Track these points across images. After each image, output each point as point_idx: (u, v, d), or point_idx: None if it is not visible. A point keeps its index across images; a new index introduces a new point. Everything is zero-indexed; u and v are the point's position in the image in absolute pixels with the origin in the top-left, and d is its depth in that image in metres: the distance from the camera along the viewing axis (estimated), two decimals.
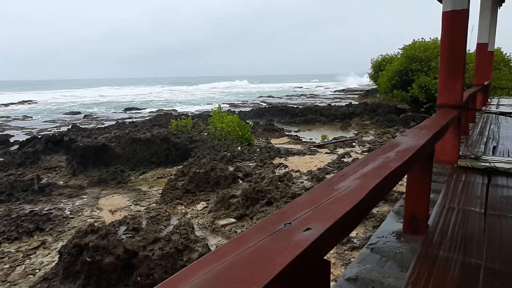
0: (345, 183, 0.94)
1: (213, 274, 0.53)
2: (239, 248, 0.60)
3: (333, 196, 0.85)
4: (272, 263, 0.56)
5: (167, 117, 16.96)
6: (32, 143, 13.00)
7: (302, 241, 0.63)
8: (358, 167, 1.09)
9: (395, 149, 1.35)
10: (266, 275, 0.52)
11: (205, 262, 0.57)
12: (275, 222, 0.71)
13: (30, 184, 8.36)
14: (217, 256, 0.58)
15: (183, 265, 4.05)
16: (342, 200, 0.83)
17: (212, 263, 0.56)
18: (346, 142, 10.22)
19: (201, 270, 0.54)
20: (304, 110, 17.91)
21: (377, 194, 0.97)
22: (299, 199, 0.85)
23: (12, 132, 17.82)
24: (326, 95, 40.53)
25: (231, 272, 0.53)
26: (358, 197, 0.85)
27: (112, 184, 8.36)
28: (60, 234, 5.76)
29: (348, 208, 0.78)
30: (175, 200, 6.69)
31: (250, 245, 0.61)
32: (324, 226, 0.69)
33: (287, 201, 5.72)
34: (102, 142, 10.37)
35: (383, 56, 19.72)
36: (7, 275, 4.61)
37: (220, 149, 9.18)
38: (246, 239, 0.64)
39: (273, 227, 0.69)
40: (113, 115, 25.86)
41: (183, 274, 0.55)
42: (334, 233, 0.72)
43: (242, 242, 0.63)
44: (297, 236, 0.65)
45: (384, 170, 1.08)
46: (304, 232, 0.67)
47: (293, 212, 0.75)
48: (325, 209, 0.78)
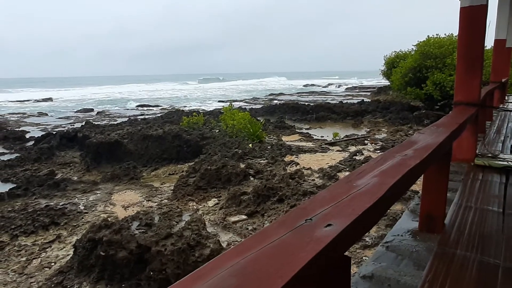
0: (363, 180, 0.94)
1: (240, 266, 0.54)
2: (262, 243, 0.61)
3: (353, 193, 0.84)
4: (296, 257, 0.57)
5: (178, 114, 17.09)
6: (47, 139, 13.26)
7: (323, 236, 0.63)
8: (376, 165, 1.08)
9: (412, 147, 1.33)
10: (290, 269, 0.52)
11: (231, 255, 0.58)
12: (296, 217, 0.71)
13: (46, 179, 8.53)
14: (242, 250, 0.59)
15: (195, 260, 4.09)
16: (361, 197, 0.82)
17: (237, 256, 0.57)
18: (358, 140, 10.14)
19: (228, 262, 0.55)
20: (315, 107, 17.81)
21: (396, 192, 0.96)
22: (318, 196, 0.85)
23: (27, 128, 18.21)
24: (338, 92, 40.23)
25: (256, 265, 0.54)
26: (378, 194, 0.84)
27: (124, 180, 8.47)
28: (74, 229, 5.87)
29: (368, 205, 0.77)
30: (187, 196, 6.74)
31: (272, 239, 0.62)
32: (345, 223, 0.69)
33: (299, 198, 5.71)
34: (115, 139, 10.51)
35: (396, 52, 19.44)
36: (24, 268, 4.72)
37: (232, 146, 9.21)
38: (268, 234, 0.65)
39: (294, 223, 0.69)
40: (125, 112, 26.17)
41: (211, 265, 0.55)
42: (354, 229, 0.71)
43: (265, 236, 0.64)
44: (319, 232, 0.65)
45: (402, 168, 1.06)
46: (325, 228, 0.67)
47: (313, 208, 0.75)
48: (345, 205, 0.77)
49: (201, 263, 4.11)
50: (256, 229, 5.16)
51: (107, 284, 4.10)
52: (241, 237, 4.95)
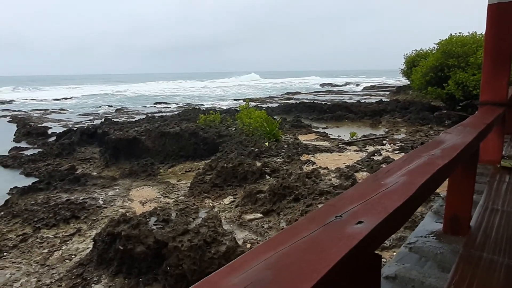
0: (391, 178, 0.92)
1: (273, 260, 0.53)
2: (293, 238, 0.60)
3: (381, 191, 0.83)
4: (328, 253, 0.56)
5: (195, 112, 17.24)
6: (68, 135, 13.61)
7: (355, 233, 0.62)
8: (403, 164, 1.06)
9: (439, 147, 1.30)
10: (324, 265, 0.52)
11: (263, 249, 0.58)
12: (326, 214, 0.71)
13: (67, 174, 8.76)
14: (274, 244, 0.58)
15: (211, 257, 4.12)
16: (391, 195, 0.81)
17: (270, 250, 0.57)
18: (376, 140, 9.98)
19: (261, 255, 0.55)
20: (332, 106, 17.65)
21: (425, 191, 0.94)
22: (346, 193, 0.84)
23: (49, 124, 18.74)
24: (356, 92, 39.71)
25: (290, 259, 0.54)
26: (407, 193, 0.82)
27: (142, 176, 8.61)
28: (94, 223, 6.00)
29: (398, 204, 0.76)
30: (203, 193, 6.79)
31: (304, 235, 0.62)
32: (376, 220, 0.68)
33: (315, 198, 5.67)
34: (133, 135, 10.68)
35: (417, 51, 19.03)
36: (46, 259, 4.86)
37: (248, 145, 9.23)
38: (299, 230, 0.64)
39: (325, 219, 0.68)
40: (143, 109, 26.58)
41: (245, 258, 0.56)
42: (385, 228, 0.70)
43: (296, 232, 0.63)
44: (350, 229, 0.64)
45: (430, 168, 1.04)
46: (356, 225, 0.66)
47: (342, 205, 0.74)
48: (375, 203, 0.76)
49: (217, 260, 4.13)
50: (272, 228, 5.16)
51: (125, 278, 4.18)
52: (256, 235, 4.95)
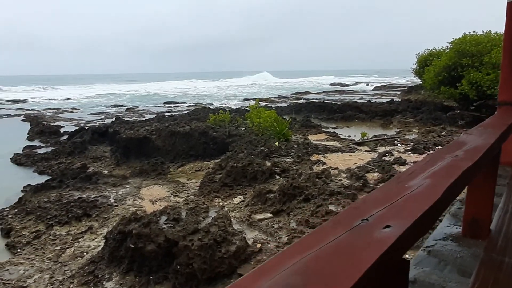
0: (415, 181, 0.89)
1: (302, 265, 0.52)
2: (320, 242, 0.58)
3: (406, 194, 0.80)
4: (358, 259, 0.54)
5: (205, 111, 17.29)
6: (80, 134, 13.78)
7: (384, 238, 0.60)
8: (426, 165, 1.03)
9: (462, 148, 1.26)
10: (355, 271, 0.50)
11: (290, 253, 0.56)
12: (351, 217, 0.68)
13: (79, 172, 8.87)
14: (302, 248, 0.57)
15: (221, 256, 4.11)
16: (416, 199, 0.78)
17: (298, 254, 0.55)
18: (387, 140, 9.87)
19: (289, 260, 0.53)
20: (342, 106, 17.52)
21: (450, 195, 0.91)
22: (370, 196, 0.81)
23: (62, 123, 19.02)
24: (366, 91, 39.34)
25: (319, 264, 0.52)
26: (433, 197, 0.79)
27: (152, 175, 8.66)
28: (105, 221, 6.05)
29: (425, 208, 0.73)
30: (213, 193, 6.79)
31: (331, 239, 0.59)
32: (404, 225, 0.65)
33: (325, 198, 5.63)
34: (144, 135, 10.76)
35: (429, 50, 18.75)
36: (58, 256, 4.92)
37: (258, 144, 9.21)
38: (325, 233, 0.62)
39: (351, 223, 0.66)
40: (153, 109, 26.78)
41: (273, 262, 0.54)
42: (413, 232, 0.67)
43: (323, 235, 0.61)
44: (378, 233, 0.62)
45: (455, 170, 1.00)
46: (384, 230, 0.63)
47: (366, 208, 0.72)
48: (401, 207, 0.73)
49: (227, 260, 4.12)
50: (282, 228, 5.13)
51: (136, 276, 4.20)
52: (266, 235, 4.93)
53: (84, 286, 4.11)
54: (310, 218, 5.13)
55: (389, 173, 6.51)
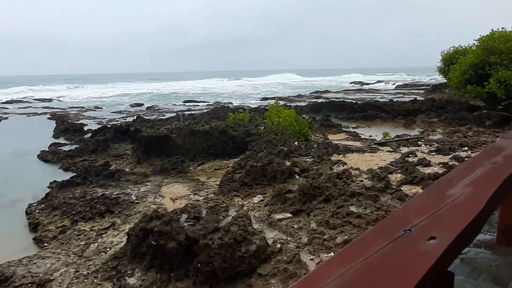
0: (456, 189, 0.85)
1: (349, 277, 0.49)
2: (364, 253, 0.56)
3: (448, 203, 0.76)
4: (407, 272, 0.51)
5: (224, 110, 17.39)
6: (103, 132, 14.13)
7: (431, 251, 0.57)
8: (465, 172, 0.98)
9: (501, 154, 1.20)
10: (405, 285, 0.47)
11: (335, 263, 0.54)
12: (393, 227, 0.65)
13: (102, 169, 9.09)
14: (345, 259, 0.54)
15: (241, 256, 4.11)
16: (459, 209, 0.74)
17: (342, 265, 0.52)
18: (410, 140, 9.62)
19: (334, 271, 0.51)
20: (363, 105, 17.23)
21: (493, 204, 0.86)
22: (409, 204, 0.78)
23: (85, 122, 19.57)
24: (388, 90, 38.56)
25: (366, 277, 0.50)
26: (477, 207, 0.75)
27: (173, 173, 8.77)
28: (127, 217, 6.17)
29: (470, 219, 0.69)
30: (232, 192, 6.81)
31: (374, 250, 0.57)
32: (449, 237, 0.62)
33: (346, 199, 5.54)
34: (164, 133, 10.92)
35: (455, 48, 18.16)
36: (83, 251, 5.05)
37: (277, 144, 9.18)
38: (368, 243, 0.60)
39: (393, 233, 0.63)
40: (173, 107, 27.17)
41: (318, 273, 0.52)
42: (458, 244, 0.64)
43: (365, 246, 0.59)
44: (423, 245, 0.59)
45: (496, 178, 0.95)
46: (429, 241, 0.60)
47: (408, 218, 0.69)
48: (444, 217, 0.70)
49: (247, 259, 4.12)
50: (302, 228, 5.08)
51: (157, 272, 4.26)
52: (286, 236, 4.90)
53: (108, 281, 4.21)
54: (331, 219, 5.07)
55: (413, 174, 6.35)
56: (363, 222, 4.77)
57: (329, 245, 4.50)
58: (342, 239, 4.56)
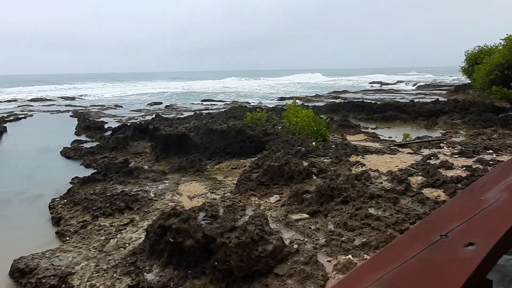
0: (491, 194, 0.81)
1: (387, 281, 0.48)
2: (400, 257, 0.54)
3: (484, 208, 0.73)
4: (445, 279, 0.49)
5: (241, 110, 17.41)
6: (122, 130, 14.42)
7: (470, 257, 0.55)
8: (499, 177, 0.94)
9: None
10: None
11: (371, 267, 0.52)
12: (428, 232, 0.63)
13: (121, 166, 9.27)
14: (381, 263, 0.53)
15: (258, 255, 4.10)
16: (497, 214, 0.71)
17: (378, 269, 0.51)
18: (432, 142, 9.38)
19: (371, 275, 0.49)
20: (382, 106, 16.91)
21: None
22: (443, 209, 0.75)
23: (106, 119, 20.01)
24: (408, 91, 37.76)
25: (404, 282, 0.48)
26: None
27: (190, 171, 8.86)
28: (146, 214, 6.27)
29: (509, 225, 0.66)
30: (249, 191, 6.82)
31: (411, 255, 0.55)
32: (489, 243, 0.59)
33: (365, 201, 5.45)
34: (182, 132, 11.04)
35: (480, 47, 17.59)
36: (103, 246, 5.16)
37: (294, 144, 9.12)
38: (403, 248, 0.58)
39: (429, 238, 0.61)
40: (191, 106, 27.44)
41: (353, 276, 0.51)
42: (497, 250, 0.61)
43: (400, 250, 0.57)
44: (461, 251, 0.57)
45: None
46: (467, 248, 0.58)
47: (442, 222, 0.66)
48: (481, 222, 0.67)
49: (264, 259, 4.11)
50: (320, 229, 5.03)
51: (175, 269, 4.31)
52: (303, 236, 4.86)
53: (127, 276, 4.28)
54: (349, 221, 5.00)
55: (434, 177, 6.18)
56: (383, 225, 4.67)
57: (347, 247, 4.44)
58: (361, 241, 4.49)
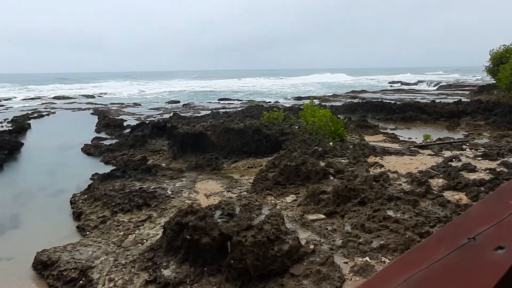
0: None
1: (414, 283, 0.47)
2: (427, 260, 0.53)
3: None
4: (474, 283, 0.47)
5: (258, 109, 17.43)
6: (141, 128, 14.66)
7: (500, 261, 0.52)
8: None
9: None
10: None
11: (397, 268, 0.51)
12: (455, 234, 0.61)
13: (139, 164, 9.43)
14: (407, 264, 0.52)
15: (274, 255, 4.10)
16: None
17: (405, 270, 0.50)
18: (454, 144, 9.13)
19: (397, 277, 0.49)
20: (402, 106, 16.58)
21: None
22: (471, 211, 0.73)
23: (125, 117, 20.39)
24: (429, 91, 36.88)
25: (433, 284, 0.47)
26: None
27: (207, 170, 8.92)
28: (163, 211, 6.35)
29: None
30: (265, 190, 6.81)
31: (437, 257, 0.54)
32: None
33: (383, 203, 5.35)
34: (200, 130, 11.13)
35: (506, 46, 16.99)
36: (121, 241, 5.26)
37: (311, 143, 9.06)
38: (429, 250, 0.56)
39: (456, 241, 0.59)
40: (208, 105, 27.65)
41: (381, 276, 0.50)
42: None
43: (426, 252, 0.56)
44: (490, 255, 0.55)
45: None
46: (496, 251, 0.56)
47: (471, 225, 0.64)
48: (510, 226, 0.64)
49: (280, 258, 4.10)
50: (336, 230, 4.98)
51: (191, 266, 4.35)
52: (320, 237, 4.83)
53: (144, 271, 4.35)
54: (366, 223, 4.92)
55: (456, 180, 6.01)
56: (401, 227, 4.58)
57: (365, 249, 4.37)
58: (379, 243, 4.42)
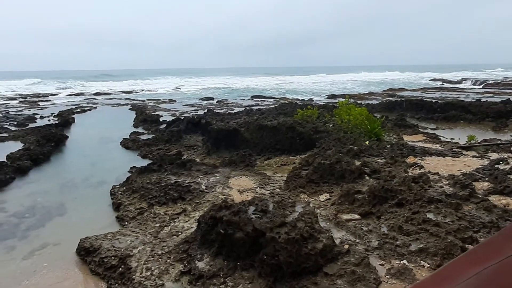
0: None
1: (485, 277, 0.45)
2: (495, 255, 0.50)
3: None
4: None
5: (292, 106, 17.31)
6: (176, 124, 15.05)
7: None
8: None
9: None
10: None
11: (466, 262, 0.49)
12: None
13: (175, 158, 9.68)
14: (476, 259, 0.49)
15: (308, 253, 4.05)
16: None
17: (474, 264, 0.48)
18: (501, 146, 8.57)
19: (467, 270, 0.46)
20: (444, 105, 15.80)
21: None
22: None
23: (161, 113, 21.03)
24: (474, 89, 34.89)
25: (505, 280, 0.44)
26: None
27: (240, 166, 8.99)
28: (197, 205, 6.48)
29: None
30: (298, 188, 6.76)
31: (507, 254, 0.50)
32: None
33: (423, 205, 5.13)
34: (233, 127, 11.24)
35: None
36: (158, 232, 5.43)
37: (346, 142, 8.86)
38: (498, 247, 0.53)
39: None
40: (241, 102, 27.87)
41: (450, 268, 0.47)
42: None
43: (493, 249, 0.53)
44: None
45: None
46: None
47: None
48: None
49: (313, 257, 4.04)
50: (372, 231, 4.84)
51: (224, 260, 4.40)
52: (355, 237, 4.71)
53: (179, 262, 4.46)
54: (404, 225, 4.74)
55: (504, 183, 5.64)
56: (442, 231, 4.37)
57: (402, 252, 4.22)
58: (417, 247, 4.24)
